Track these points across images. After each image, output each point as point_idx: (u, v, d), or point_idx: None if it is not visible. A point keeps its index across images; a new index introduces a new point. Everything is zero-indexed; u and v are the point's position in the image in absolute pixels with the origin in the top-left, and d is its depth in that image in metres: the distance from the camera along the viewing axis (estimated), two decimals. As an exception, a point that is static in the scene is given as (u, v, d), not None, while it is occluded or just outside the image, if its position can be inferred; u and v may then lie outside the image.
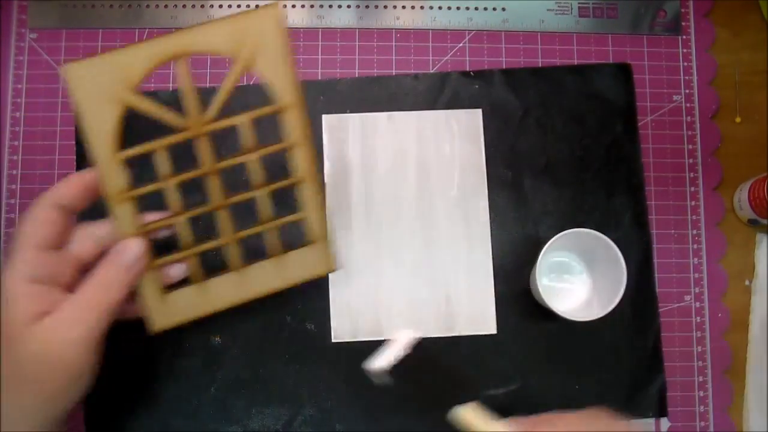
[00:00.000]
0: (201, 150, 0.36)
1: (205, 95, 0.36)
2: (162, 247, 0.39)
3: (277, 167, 0.38)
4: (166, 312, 0.39)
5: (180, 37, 0.34)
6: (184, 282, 0.39)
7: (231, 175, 0.38)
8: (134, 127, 0.35)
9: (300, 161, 0.37)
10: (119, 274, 0.36)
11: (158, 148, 0.36)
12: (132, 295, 0.38)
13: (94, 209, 0.38)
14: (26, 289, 0.34)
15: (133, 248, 0.36)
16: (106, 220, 0.37)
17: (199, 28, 0.34)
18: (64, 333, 0.34)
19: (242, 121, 0.36)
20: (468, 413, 0.38)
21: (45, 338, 0.34)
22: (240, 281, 0.39)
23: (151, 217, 0.38)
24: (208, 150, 0.36)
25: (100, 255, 0.37)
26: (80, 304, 0.35)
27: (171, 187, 0.37)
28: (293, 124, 0.36)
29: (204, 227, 0.39)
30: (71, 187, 0.36)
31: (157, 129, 0.36)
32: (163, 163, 0.36)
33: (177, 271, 0.39)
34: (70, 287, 0.36)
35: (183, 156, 0.37)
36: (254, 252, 0.40)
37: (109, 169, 0.35)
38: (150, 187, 0.37)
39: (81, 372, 0.35)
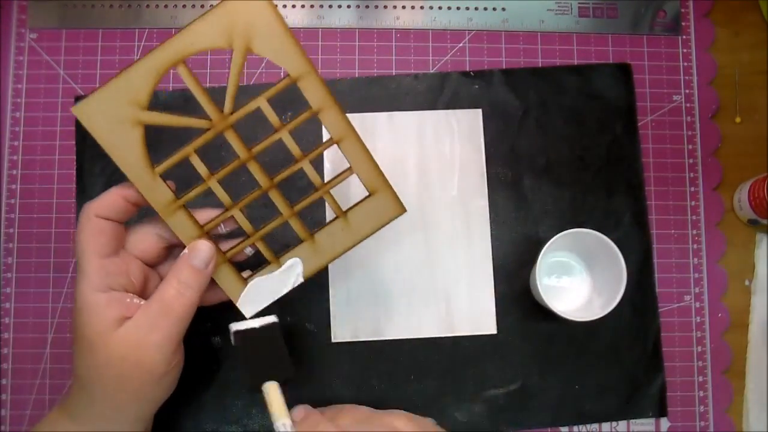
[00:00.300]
0: (232, 142, 0.36)
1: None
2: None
3: (310, 142, 0.38)
4: (252, 300, 0.40)
5: (172, 44, 0.33)
6: (258, 267, 0.40)
7: (269, 160, 0.39)
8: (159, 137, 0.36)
9: (332, 122, 0.37)
10: (192, 276, 0.37)
11: (190, 152, 0.36)
12: (210, 284, 0.39)
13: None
14: (101, 298, 0.36)
15: (203, 249, 0.37)
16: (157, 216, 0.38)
17: (188, 29, 0.33)
18: (144, 337, 0.36)
19: (261, 103, 0.36)
20: (272, 390, 0.38)
21: (127, 342, 0.35)
22: (314, 251, 0.39)
23: (206, 214, 0.39)
24: (238, 140, 0.36)
25: (164, 250, 0.39)
26: (157, 308, 0.36)
27: (215, 184, 0.37)
28: (313, 90, 0.36)
29: (260, 216, 0.40)
30: (111, 200, 0.37)
31: (180, 133, 0.36)
32: (198, 164, 0.37)
33: (247, 252, 0.40)
34: (142, 288, 0.38)
35: (212, 154, 0.38)
36: (316, 225, 0.40)
37: (150, 186, 0.36)
38: (196, 191, 0.37)
39: (163, 372, 0.37)
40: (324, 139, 0.38)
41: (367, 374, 0.47)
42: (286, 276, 0.40)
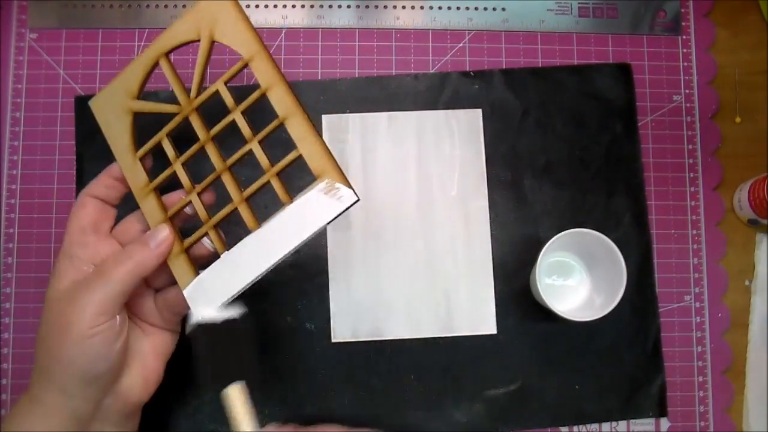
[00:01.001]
0: (194, 124, 0.40)
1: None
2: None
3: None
4: (204, 297, 0.38)
5: (157, 41, 0.40)
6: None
7: (229, 146, 0.40)
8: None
9: (280, 100, 0.38)
10: (136, 248, 0.38)
11: (162, 137, 0.40)
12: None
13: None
14: (65, 263, 0.38)
15: (163, 231, 0.39)
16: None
17: (169, 28, 0.40)
18: (72, 296, 0.36)
19: (219, 87, 0.39)
20: (234, 393, 0.36)
21: (59, 302, 0.37)
22: (261, 242, 0.38)
23: (175, 197, 0.41)
24: (200, 123, 0.40)
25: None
26: (95, 272, 0.37)
27: (179, 167, 0.40)
28: (263, 69, 0.38)
29: (217, 202, 0.41)
30: (101, 180, 0.40)
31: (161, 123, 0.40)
32: (167, 148, 0.40)
33: (206, 248, 0.40)
34: None
35: (188, 143, 0.40)
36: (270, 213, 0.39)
37: (131, 168, 0.40)
38: (163, 174, 0.40)
39: (82, 334, 0.35)
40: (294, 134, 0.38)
41: (367, 374, 0.47)
42: (236, 270, 0.38)
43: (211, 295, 0.38)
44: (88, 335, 0.35)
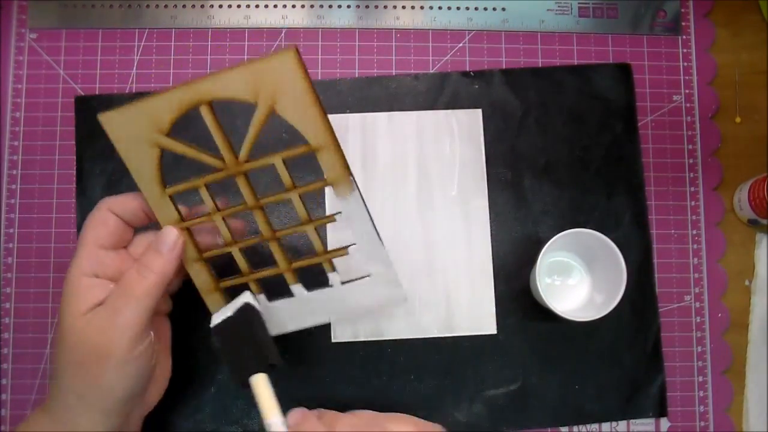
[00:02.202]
0: (242, 188, 0.37)
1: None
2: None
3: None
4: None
5: (201, 84, 0.34)
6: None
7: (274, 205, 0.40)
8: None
9: (344, 194, 0.37)
10: (153, 259, 0.37)
11: (200, 185, 0.37)
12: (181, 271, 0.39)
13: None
14: (85, 282, 0.36)
15: (168, 234, 0.37)
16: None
17: (220, 75, 0.34)
18: (106, 320, 0.35)
19: (276, 161, 0.36)
20: (260, 383, 0.37)
21: (91, 327, 0.35)
22: (302, 306, 0.40)
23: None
24: (248, 188, 0.37)
25: None
26: (119, 291, 0.36)
27: (219, 220, 0.38)
28: (331, 163, 0.36)
29: (256, 254, 0.41)
30: (130, 202, 0.38)
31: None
32: (206, 198, 0.38)
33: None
34: None
35: (221, 186, 0.39)
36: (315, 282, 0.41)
37: (159, 204, 0.37)
38: (201, 219, 0.38)
39: (124, 358, 0.35)
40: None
41: (367, 374, 0.47)
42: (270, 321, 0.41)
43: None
44: (130, 359, 0.36)
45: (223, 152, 0.36)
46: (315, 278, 0.40)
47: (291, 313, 0.41)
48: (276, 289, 0.40)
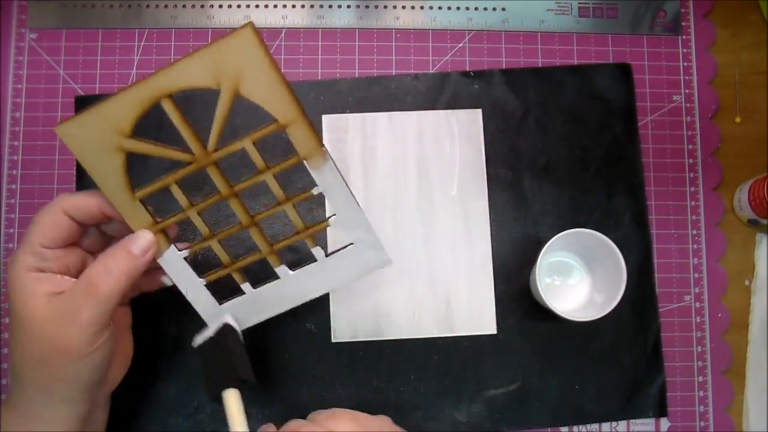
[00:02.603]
0: (214, 178, 0.36)
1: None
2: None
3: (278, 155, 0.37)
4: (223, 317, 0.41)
5: (158, 78, 0.33)
6: (234, 293, 0.41)
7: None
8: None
9: (320, 170, 0.37)
10: (123, 259, 0.36)
11: (170, 182, 0.36)
12: (150, 271, 0.39)
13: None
14: (32, 276, 0.35)
15: (143, 237, 0.37)
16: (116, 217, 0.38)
17: (176, 65, 0.32)
18: (66, 316, 0.35)
19: (246, 144, 0.35)
20: (229, 398, 0.37)
21: (50, 321, 0.35)
22: (287, 287, 0.40)
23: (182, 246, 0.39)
24: (220, 177, 0.36)
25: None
26: (82, 287, 0.35)
27: (194, 214, 0.37)
28: (301, 138, 0.35)
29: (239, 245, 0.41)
30: (87, 203, 0.37)
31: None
32: (179, 195, 0.37)
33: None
34: (80, 270, 0.38)
35: (195, 178, 0.37)
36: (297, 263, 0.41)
37: (130, 209, 0.36)
38: (174, 218, 0.37)
39: (84, 352, 0.35)
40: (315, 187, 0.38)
41: (367, 374, 0.47)
42: (258, 305, 0.41)
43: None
44: (91, 351, 0.35)
45: (191, 144, 0.35)
46: (301, 259, 0.40)
47: (280, 294, 0.40)
48: (260, 277, 0.40)
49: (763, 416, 0.49)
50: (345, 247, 0.40)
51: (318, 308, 0.48)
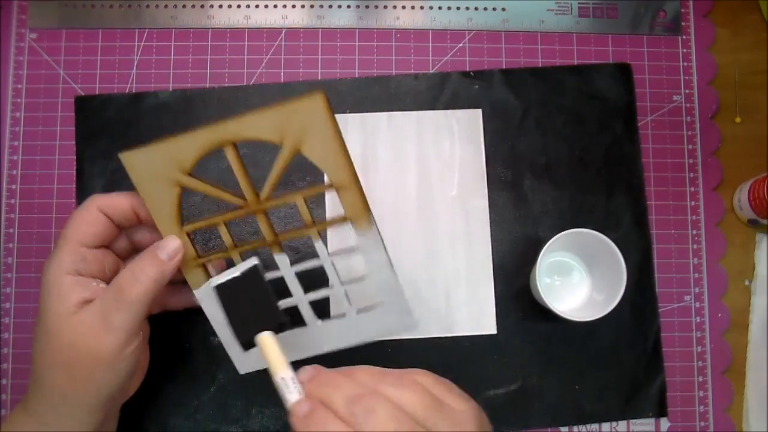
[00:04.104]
0: (261, 226, 0.38)
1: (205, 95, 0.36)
2: None
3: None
4: (247, 359, 0.41)
5: (228, 125, 0.34)
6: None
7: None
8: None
9: (362, 229, 0.38)
10: (151, 264, 0.36)
11: (219, 222, 0.38)
12: (178, 287, 0.40)
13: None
14: (67, 280, 0.35)
15: (170, 243, 0.37)
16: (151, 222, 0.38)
17: (246, 118, 0.34)
18: (96, 322, 0.35)
19: (297, 200, 0.37)
20: (266, 340, 0.36)
21: (80, 328, 0.35)
22: (316, 335, 0.41)
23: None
24: (267, 225, 0.38)
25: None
26: (112, 293, 0.36)
27: (237, 256, 0.38)
28: (351, 202, 0.36)
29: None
30: (120, 203, 0.37)
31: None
32: (224, 235, 0.38)
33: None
34: (114, 275, 0.38)
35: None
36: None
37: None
38: (218, 255, 0.38)
39: (114, 359, 0.35)
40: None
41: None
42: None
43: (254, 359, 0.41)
44: (122, 358, 0.36)
45: (245, 191, 0.36)
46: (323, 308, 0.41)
47: (303, 342, 0.41)
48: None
49: (763, 416, 0.49)
50: (375, 307, 0.40)
51: (318, 308, 0.47)
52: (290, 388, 0.33)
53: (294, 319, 0.40)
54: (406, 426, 0.30)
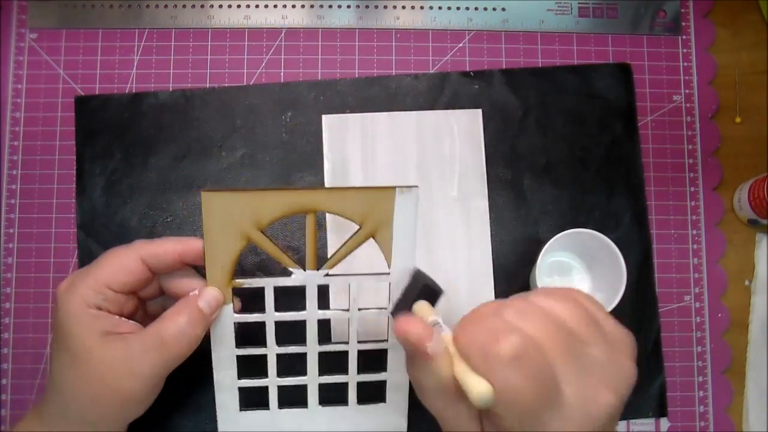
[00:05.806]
0: (307, 299, 0.38)
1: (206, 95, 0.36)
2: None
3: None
4: (237, 424, 0.42)
5: (318, 194, 0.35)
6: (259, 405, 0.42)
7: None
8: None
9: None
10: (197, 317, 0.36)
11: (269, 285, 0.38)
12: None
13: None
14: (92, 313, 0.36)
15: (212, 293, 0.37)
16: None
17: (334, 192, 0.35)
18: (130, 365, 0.35)
19: (351, 282, 0.38)
20: (422, 306, 0.36)
21: (110, 365, 0.35)
22: (311, 418, 0.42)
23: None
24: (314, 299, 0.38)
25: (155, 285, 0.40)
26: (154, 342, 0.36)
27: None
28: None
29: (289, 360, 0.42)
30: (165, 250, 0.37)
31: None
32: (269, 297, 0.38)
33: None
34: (132, 315, 0.38)
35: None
36: (332, 396, 0.42)
37: (220, 288, 0.37)
38: (252, 317, 0.38)
39: (140, 401, 0.37)
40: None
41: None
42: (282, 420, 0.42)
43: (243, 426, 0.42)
44: (150, 396, 0.37)
45: (309, 261, 0.37)
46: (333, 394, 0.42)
47: (299, 422, 0.42)
48: (289, 398, 0.42)
49: (763, 416, 0.49)
50: (378, 402, 0.42)
51: (319, 308, 0.47)
52: (444, 329, 0.34)
53: (297, 397, 0.41)
54: (560, 332, 0.29)
